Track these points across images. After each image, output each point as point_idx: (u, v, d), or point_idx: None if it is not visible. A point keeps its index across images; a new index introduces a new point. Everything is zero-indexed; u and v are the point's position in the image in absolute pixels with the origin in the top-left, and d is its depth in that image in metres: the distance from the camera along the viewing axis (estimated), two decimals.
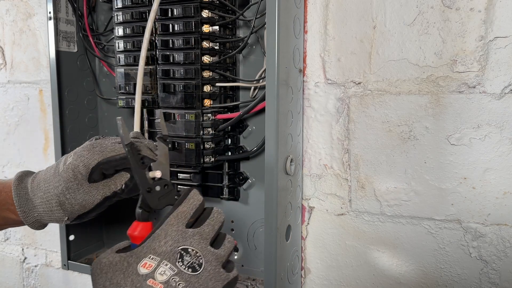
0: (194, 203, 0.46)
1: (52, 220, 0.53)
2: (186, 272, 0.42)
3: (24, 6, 0.99)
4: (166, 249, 0.42)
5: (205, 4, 0.65)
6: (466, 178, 0.62)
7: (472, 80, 0.60)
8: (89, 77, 0.85)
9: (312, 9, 0.69)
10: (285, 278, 0.67)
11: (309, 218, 0.74)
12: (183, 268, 0.42)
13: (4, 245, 1.13)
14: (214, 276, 0.43)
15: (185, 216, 0.45)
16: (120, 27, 0.71)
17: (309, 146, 0.72)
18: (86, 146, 0.52)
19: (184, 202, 0.46)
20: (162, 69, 0.68)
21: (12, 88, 1.03)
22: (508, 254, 0.62)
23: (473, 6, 0.59)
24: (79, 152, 0.51)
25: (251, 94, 0.72)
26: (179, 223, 0.44)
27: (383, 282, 0.70)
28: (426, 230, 0.66)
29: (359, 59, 0.67)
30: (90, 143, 0.53)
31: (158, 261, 0.42)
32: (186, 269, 0.42)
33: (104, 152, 0.51)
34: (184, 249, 0.43)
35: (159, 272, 0.41)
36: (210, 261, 0.43)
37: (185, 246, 0.43)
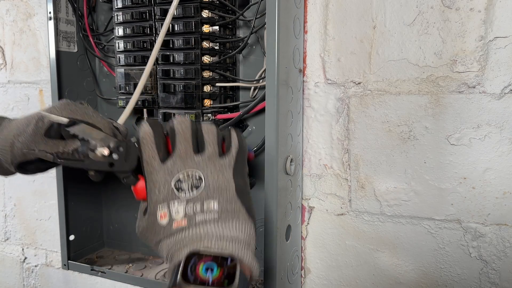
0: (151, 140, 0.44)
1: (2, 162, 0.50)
2: (193, 195, 0.43)
3: (24, 6, 0.99)
4: (163, 193, 0.43)
5: (205, 4, 0.65)
6: (466, 178, 0.62)
7: (472, 80, 0.60)
8: (89, 77, 0.85)
9: (312, 9, 0.69)
10: (285, 278, 0.67)
11: (309, 218, 0.74)
12: (188, 194, 0.43)
13: (4, 245, 1.13)
14: (218, 171, 0.44)
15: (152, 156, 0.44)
16: (120, 27, 0.71)
17: (309, 146, 0.72)
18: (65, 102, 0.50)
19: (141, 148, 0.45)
20: (162, 69, 0.68)
21: (12, 88, 1.03)
22: (508, 254, 0.62)
23: (473, 6, 0.59)
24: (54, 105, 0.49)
25: (251, 94, 0.72)
26: (154, 166, 0.44)
27: (383, 282, 0.70)
28: (426, 230, 0.66)
29: (359, 59, 0.67)
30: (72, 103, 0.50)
31: (166, 206, 0.43)
32: (190, 193, 0.43)
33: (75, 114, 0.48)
34: (176, 181, 0.43)
35: (173, 212, 0.43)
36: (203, 167, 0.44)
37: (175, 178, 0.43)
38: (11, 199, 1.09)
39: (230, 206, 0.44)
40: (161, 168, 0.44)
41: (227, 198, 0.44)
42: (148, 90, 0.70)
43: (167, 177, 0.44)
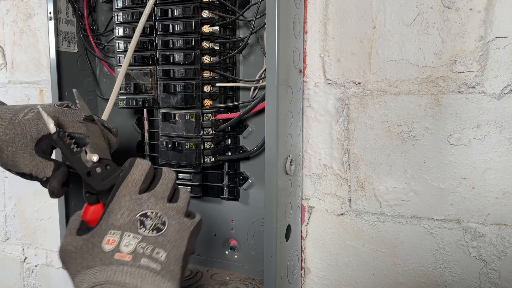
0: (143, 169, 0.45)
1: None
2: (152, 235, 0.42)
3: (24, 6, 0.99)
4: (124, 220, 0.42)
5: (205, 4, 0.65)
6: (465, 178, 0.63)
7: (471, 80, 0.60)
8: (89, 77, 0.85)
9: (312, 10, 0.69)
10: (285, 278, 0.67)
11: (309, 218, 0.74)
12: (147, 232, 0.42)
13: (5, 245, 1.13)
14: (180, 227, 0.44)
15: (135, 183, 0.44)
16: (120, 27, 0.71)
17: (309, 146, 0.72)
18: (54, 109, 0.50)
19: (132, 170, 0.45)
20: (162, 69, 0.68)
21: (13, 88, 1.03)
22: (507, 254, 0.62)
23: (472, 7, 0.59)
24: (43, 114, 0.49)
25: (251, 94, 0.72)
26: (131, 192, 0.44)
27: (383, 281, 0.70)
28: (425, 230, 0.66)
29: (358, 59, 0.67)
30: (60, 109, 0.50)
31: (119, 234, 0.42)
32: (150, 232, 0.42)
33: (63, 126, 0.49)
34: (143, 215, 0.43)
35: (124, 244, 0.41)
36: (172, 216, 0.44)
37: (143, 212, 0.43)
38: (11, 199, 1.09)
39: (173, 266, 0.43)
40: (136, 197, 0.44)
41: (174, 257, 0.43)
42: (148, 90, 0.70)
43: (136, 207, 0.43)
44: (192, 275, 0.78)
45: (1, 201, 1.11)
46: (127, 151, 0.84)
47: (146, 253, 0.41)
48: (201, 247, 0.82)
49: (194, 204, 0.81)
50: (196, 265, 0.82)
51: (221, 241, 0.80)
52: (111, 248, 0.41)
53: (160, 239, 0.42)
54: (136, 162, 0.46)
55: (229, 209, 0.78)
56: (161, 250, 0.42)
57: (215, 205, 0.79)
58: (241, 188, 0.76)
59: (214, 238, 0.80)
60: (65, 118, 0.50)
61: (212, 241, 0.80)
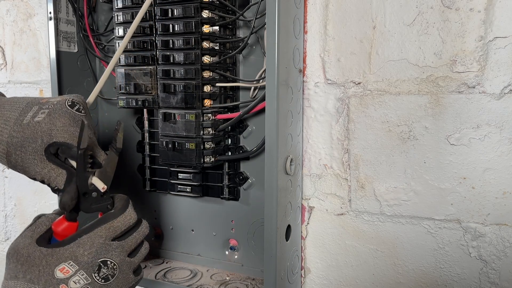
0: (129, 221, 0.47)
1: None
2: (99, 283, 0.44)
3: (24, 6, 0.99)
4: (88, 259, 0.44)
5: (205, 4, 0.65)
6: (465, 178, 0.63)
7: (471, 80, 0.60)
8: (89, 77, 0.85)
9: (312, 10, 0.69)
10: (285, 278, 0.67)
11: (309, 218, 0.74)
12: (97, 279, 0.44)
13: (5, 245, 1.13)
14: (123, 282, 0.46)
15: (115, 231, 0.46)
16: (120, 27, 0.71)
17: (309, 146, 0.72)
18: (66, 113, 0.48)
19: (120, 217, 0.47)
20: (162, 69, 0.68)
21: (13, 88, 1.03)
22: (507, 254, 0.62)
23: (472, 6, 0.59)
24: (56, 116, 0.47)
25: (251, 94, 0.72)
26: (107, 237, 0.45)
27: (383, 281, 0.70)
28: (425, 230, 0.66)
29: (359, 59, 0.67)
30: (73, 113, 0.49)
31: (76, 269, 0.43)
32: (100, 280, 0.44)
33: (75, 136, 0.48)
34: (104, 261, 0.44)
35: (74, 280, 0.43)
36: (123, 270, 0.46)
37: (105, 259, 0.45)
38: (11, 199, 1.09)
39: None
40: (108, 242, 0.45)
41: None
42: (148, 90, 0.70)
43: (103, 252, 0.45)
44: (192, 275, 0.78)
45: (1, 201, 1.11)
46: (127, 151, 0.84)
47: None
48: (201, 247, 0.82)
49: (194, 204, 0.81)
50: (196, 265, 0.82)
51: (221, 241, 0.80)
52: (62, 277, 0.42)
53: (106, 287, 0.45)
54: (126, 211, 0.47)
55: (229, 209, 0.78)
56: None
57: (215, 205, 0.79)
58: (241, 188, 0.76)
59: (214, 238, 0.80)
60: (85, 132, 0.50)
61: (212, 241, 0.80)
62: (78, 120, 0.49)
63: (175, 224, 0.84)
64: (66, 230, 0.46)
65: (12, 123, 0.47)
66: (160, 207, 0.85)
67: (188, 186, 0.75)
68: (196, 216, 0.81)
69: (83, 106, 0.51)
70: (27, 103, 0.49)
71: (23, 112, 0.48)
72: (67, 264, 0.43)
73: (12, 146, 0.47)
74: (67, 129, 0.47)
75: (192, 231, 0.82)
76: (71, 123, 0.48)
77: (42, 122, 0.47)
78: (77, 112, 0.49)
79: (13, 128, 0.47)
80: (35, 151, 0.47)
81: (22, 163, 0.47)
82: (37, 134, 0.46)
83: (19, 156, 0.47)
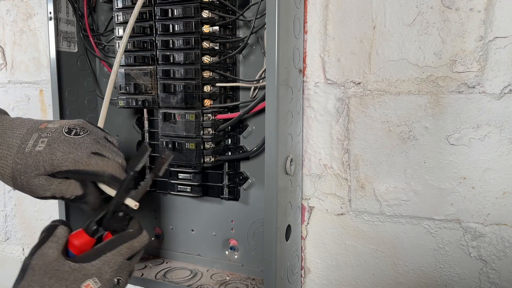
0: (144, 242, 0.49)
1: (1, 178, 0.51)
2: None
3: (24, 6, 0.99)
4: (109, 277, 0.45)
5: (205, 4, 0.65)
6: (465, 178, 0.63)
7: (471, 80, 0.60)
8: (89, 77, 0.85)
9: (312, 9, 0.69)
10: (285, 278, 0.67)
11: (309, 218, 0.74)
12: None
13: (5, 245, 1.13)
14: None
15: (133, 251, 0.48)
16: (120, 27, 0.71)
17: (309, 146, 0.72)
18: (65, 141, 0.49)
19: (138, 238, 0.48)
20: (163, 69, 0.68)
21: (13, 88, 1.03)
22: (507, 254, 0.62)
23: (472, 6, 0.59)
24: (55, 146, 0.48)
25: (251, 94, 0.72)
26: (125, 256, 0.47)
27: (383, 281, 0.70)
28: (425, 230, 0.66)
29: (359, 59, 0.67)
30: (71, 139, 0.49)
31: (98, 286, 0.44)
32: None
33: (79, 163, 0.48)
34: (118, 280, 0.46)
35: None
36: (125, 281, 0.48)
37: (119, 277, 0.47)
38: (11, 199, 1.09)
39: None
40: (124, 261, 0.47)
41: None
42: (148, 90, 0.70)
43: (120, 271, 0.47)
44: (192, 275, 0.78)
45: (1, 201, 1.11)
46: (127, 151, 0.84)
47: None
48: (201, 247, 0.82)
49: (194, 204, 0.81)
50: (196, 265, 0.82)
51: (221, 241, 0.80)
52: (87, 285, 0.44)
53: None
54: (144, 233, 0.49)
55: (229, 209, 0.78)
56: None
57: (215, 205, 0.79)
58: (241, 188, 0.76)
59: (214, 238, 0.80)
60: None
61: (212, 241, 0.80)
62: (78, 144, 0.49)
63: (175, 224, 0.84)
64: (85, 245, 0.47)
65: (15, 151, 0.49)
66: (160, 207, 0.85)
67: (188, 186, 0.75)
68: (196, 216, 0.81)
69: (82, 128, 0.52)
70: (27, 130, 0.51)
71: (24, 140, 0.50)
72: (92, 281, 0.44)
73: (16, 172, 0.49)
74: (67, 157, 0.48)
75: (192, 231, 0.82)
76: (70, 150, 0.49)
77: (43, 152, 0.48)
78: (75, 137, 0.50)
79: (16, 155, 0.49)
80: (38, 175, 0.48)
81: (28, 186, 0.49)
82: (39, 163, 0.48)
83: (24, 180, 0.49)
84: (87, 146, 0.50)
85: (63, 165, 0.48)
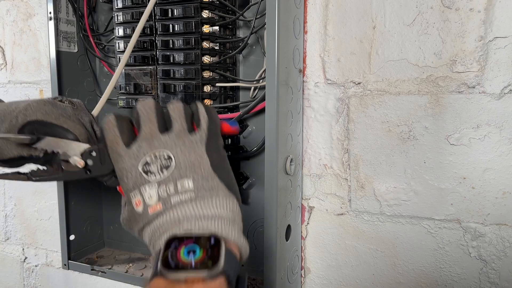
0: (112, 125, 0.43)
1: None
2: (165, 175, 0.41)
3: (24, 6, 0.99)
4: (132, 181, 0.41)
5: (205, 4, 0.65)
6: (465, 178, 0.63)
7: (471, 80, 0.60)
8: (89, 77, 0.85)
9: (312, 10, 0.70)
10: (285, 278, 0.67)
11: (309, 218, 0.74)
12: (158, 177, 0.41)
13: (5, 244, 1.13)
14: (189, 149, 0.42)
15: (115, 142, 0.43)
16: (120, 27, 0.71)
17: (309, 146, 0.72)
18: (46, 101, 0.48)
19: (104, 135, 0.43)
20: (162, 69, 0.68)
21: (13, 88, 1.03)
22: (507, 254, 0.62)
23: (472, 7, 0.59)
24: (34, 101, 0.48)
25: (251, 94, 0.72)
26: (119, 152, 0.42)
27: (383, 281, 0.70)
28: (425, 230, 0.66)
29: (358, 59, 0.67)
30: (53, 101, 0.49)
31: (138, 193, 0.41)
32: (161, 174, 0.41)
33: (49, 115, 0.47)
34: (143, 164, 0.41)
35: (147, 198, 0.41)
36: (171, 145, 0.41)
37: (141, 162, 0.41)
38: (11, 199, 1.09)
39: (207, 183, 0.41)
40: (127, 153, 0.42)
41: (202, 175, 0.41)
42: (148, 90, 0.70)
43: (134, 161, 0.41)
44: None
45: (1, 201, 1.11)
46: None
47: (170, 192, 0.40)
48: None
49: None
50: None
51: None
52: (141, 208, 0.41)
53: (176, 172, 0.41)
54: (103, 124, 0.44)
55: None
56: (183, 180, 0.41)
57: None
58: (241, 188, 0.76)
59: None
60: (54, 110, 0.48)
61: None
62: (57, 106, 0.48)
63: None
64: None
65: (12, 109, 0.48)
66: None
67: None
68: None
69: (70, 101, 0.51)
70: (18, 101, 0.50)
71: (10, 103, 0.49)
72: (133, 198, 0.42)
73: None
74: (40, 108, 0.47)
75: None
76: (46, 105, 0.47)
77: (20, 104, 0.47)
78: (58, 102, 0.49)
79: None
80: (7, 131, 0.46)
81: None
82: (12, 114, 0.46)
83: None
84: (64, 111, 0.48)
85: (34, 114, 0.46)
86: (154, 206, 0.40)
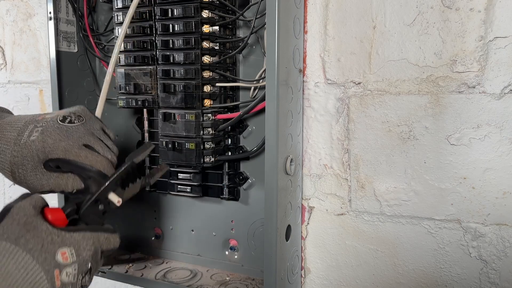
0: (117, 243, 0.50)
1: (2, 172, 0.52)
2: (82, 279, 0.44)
3: (24, 6, 0.99)
4: (85, 256, 0.44)
5: (205, 4, 0.65)
6: (465, 178, 0.62)
7: (471, 80, 0.60)
8: (89, 77, 0.85)
9: (312, 9, 0.69)
10: (285, 278, 0.67)
11: (309, 218, 0.74)
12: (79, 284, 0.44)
13: None
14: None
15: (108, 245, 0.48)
16: (120, 27, 0.71)
17: (309, 146, 0.72)
18: (57, 128, 0.50)
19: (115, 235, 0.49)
20: (162, 69, 0.68)
21: (13, 88, 1.03)
22: (508, 254, 0.62)
23: (473, 6, 0.59)
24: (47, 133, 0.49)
25: (251, 94, 0.72)
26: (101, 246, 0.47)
27: (383, 281, 0.70)
28: (425, 230, 0.66)
29: (359, 59, 0.67)
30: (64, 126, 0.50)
31: (73, 260, 0.43)
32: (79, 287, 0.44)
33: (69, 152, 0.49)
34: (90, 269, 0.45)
35: (67, 271, 0.42)
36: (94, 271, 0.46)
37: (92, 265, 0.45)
38: (11, 199, 1.09)
39: None
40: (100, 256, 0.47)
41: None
42: (148, 90, 0.70)
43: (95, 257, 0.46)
44: (192, 275, 0.78)
45: (1, 201, 1.10)
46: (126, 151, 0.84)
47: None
48: (201, 247, 0.82)
49: (194, 204, 0.81)
50: (196, 265, 0.82)
51: (221, 241, 0.80)
52: (60, 261, 0.41)
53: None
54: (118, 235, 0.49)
55: (229, 209, 0.78)
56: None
57: (215, 205, 0.79)
58: (241, 188, 0.76)
59: (214, 238, 0.80)
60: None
61: (212, 241, 0.80)
62: (71, 133, 0.50)
63: (175, 224, 0.84)
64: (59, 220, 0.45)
65: (12, 144, 0.49)
66: (160, 207, 0.85)
67: (188, 186, 0.75)
68: (196, 216, 0.81)
69: (78, 117, 0.52)
70: (24, 122, 0.51)
71: (20, 132, 0.50)
72: (69, 250, 0.42)
73: (14, 165, 0.49)
74: (58, 144, 0.49)
75: (192, 231, 0.82)
76: (62, 138, 0.49)
77: (36, 140, 0.49)
78: (68, 125, 0.51)
79: (13, 148, 0.49)
80: (34, 167, 0.49)
81: (26, 180, 0.50)
82: (33, 152, 0.49)
83: (22, 174, 0.49)
84: (80, 136, 0.50)
85: (54, 152, 0.48)
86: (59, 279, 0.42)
